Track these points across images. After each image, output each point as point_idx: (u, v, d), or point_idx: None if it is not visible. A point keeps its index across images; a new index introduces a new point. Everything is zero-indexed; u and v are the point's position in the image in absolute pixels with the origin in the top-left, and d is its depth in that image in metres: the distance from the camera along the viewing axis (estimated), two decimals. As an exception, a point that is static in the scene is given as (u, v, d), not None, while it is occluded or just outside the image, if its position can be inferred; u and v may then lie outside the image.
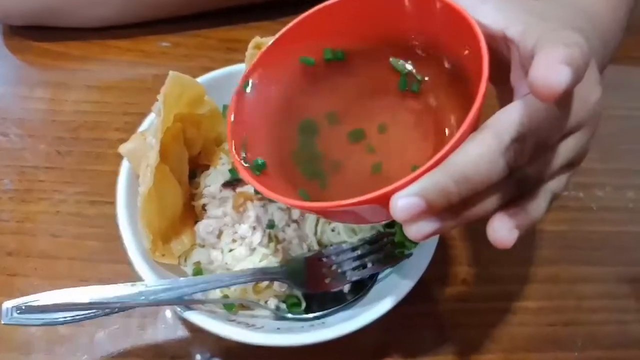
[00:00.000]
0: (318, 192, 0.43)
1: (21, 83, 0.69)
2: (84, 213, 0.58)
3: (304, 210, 0.47)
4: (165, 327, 0.52)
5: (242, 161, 0.40)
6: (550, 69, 0.29)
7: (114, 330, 0.51)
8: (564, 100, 0.33)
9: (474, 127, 0.32)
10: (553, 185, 0.35)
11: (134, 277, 0.46)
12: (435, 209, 0.31)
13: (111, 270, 0.55)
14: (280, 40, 0.44)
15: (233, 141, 0.41)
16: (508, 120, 0.32)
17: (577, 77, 0.29)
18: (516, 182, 0.33)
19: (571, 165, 0.36)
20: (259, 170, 0.41)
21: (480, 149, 0.31)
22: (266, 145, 0.43)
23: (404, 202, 0.30)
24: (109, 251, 0.55)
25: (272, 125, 0.44)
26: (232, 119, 0.42)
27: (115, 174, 0.52)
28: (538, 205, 0.35)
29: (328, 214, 0.42)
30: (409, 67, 0.45)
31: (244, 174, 0.39)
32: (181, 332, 0.52)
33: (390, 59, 0.45)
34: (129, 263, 0.46)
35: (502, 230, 0.33)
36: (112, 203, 0.51)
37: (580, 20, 0.43)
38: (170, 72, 0.45)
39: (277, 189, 0.38)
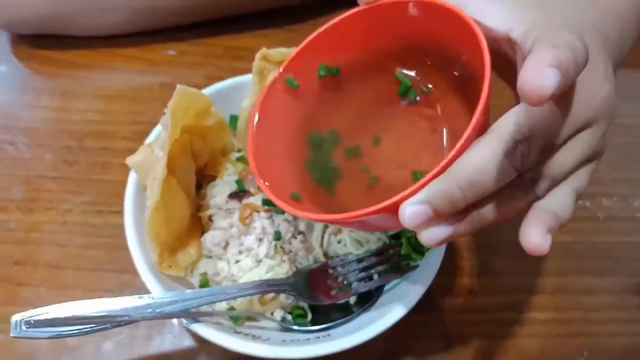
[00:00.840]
0: (327, 200, 0.44)
1: (28, 91, 0.69)
2: (91, 223, 0.59)
3: (319, 221, 0.48)
4: (172, 337, 0.52)
5: (265, 183, 0.41)
6: (536, 74, 0.29)
7: (121, 340, 0.51)
8: (565, 99, 0.33)
9: (480, 131, 0.33)
10: (574, 182, 0.35)
11: (140, 287, 0.46)
12: (443, 215, 0.32)
13: (118, 280, 0.55)
14: (288, 65, 0.46)
15: (257, 169, 0.42)
16: (511, 122, 0.32)
17: (566, 80, 0.29)
18: (529, 183, 0.34)
19: (589, 161, 0.36)
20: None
21: (484, 153, 0.31)
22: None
23: (411, 210, 0.31)
24: (115, 261, 0.56)
25: (286, 143, 0.45)
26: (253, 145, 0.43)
27: (121, 183, 0.52)
28: (564, 205, 0.35)
29: (341, 223, 0.43)
30: (413, 77, 0.45)
31: (273, 199, 0.39)
32: (188, 342, 0.52)
33: (397, 72, 0.46)
34: (135, 273, 0.46)
35: (535, 238, 0.33)
36: (119, 213, 0.51)
37: (592, 12, 0.41)
38: (178, 86, 0.45)
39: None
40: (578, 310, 0.58)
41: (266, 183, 0.40)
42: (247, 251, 0.49)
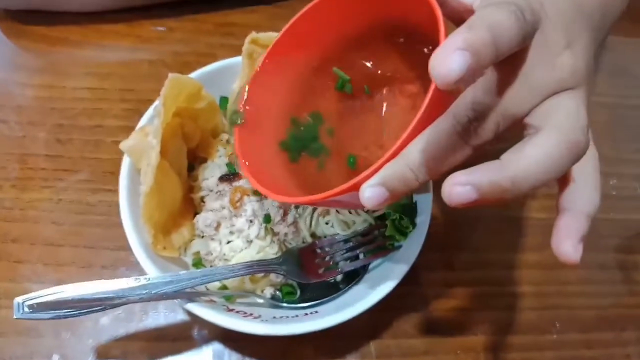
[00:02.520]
0: (312, 180, 0.47)
1: (19, 69, 0.69)
2: (86, 201, 0.60)
3: (291, 202, 0.50)
4: (167, 312, 0.54)
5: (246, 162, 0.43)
6: (443, 58, 0.28)
7: (118, 315, 0.54)
8: (512, 72, 0.33)
9: (433, 111, 0.34)
10: (586, 178, 0.36)
11: (135, 263, 0.48)
12: (398, 195, 0.34)
13: (113, 257, 0.57)
14: (271, 51, 0.48)
15: (240, 151, 0.45)
16: (463, 100, 0.33)
17: (478, 63, 0.28)
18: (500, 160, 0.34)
19: (580, 159, 0.35)
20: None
21: (433, 134, 0.33)
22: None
23: (369, 193, 0.34)
24: (110, 238, 0.57)
25: (270, 127, 0.47)
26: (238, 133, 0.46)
27: (115, 161, 0.54)
28: (590, 199, 0.36)
29: (314, 204, 0.46)
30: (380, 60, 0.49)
31: (249, 178, 0.42)
32: (182, 317, 0.54)
33: (333, 68, 0.49)
34: (130, 250, 0.48)
35: (568, 250, 0.35)
36: (113, 191, 0.53)
37: None
38: (170, 75, 0.46)
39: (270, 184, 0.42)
40: (552, 285, 0.62)
41: (246, 163, 0.43)
42: (238, 232, 0.51)
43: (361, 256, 0.52)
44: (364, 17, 0.46)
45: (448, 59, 0.27)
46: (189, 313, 0.54)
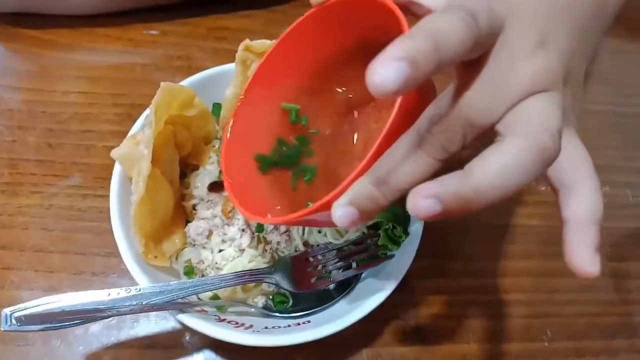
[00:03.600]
0: (296, 199, 0.47)
1: (8, 72, 0.68)
2: (76, 206, 0.59)
3: (266, 223, 0.50)
4: (158, 320, 0.54)
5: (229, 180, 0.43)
6: (379, 68, 0.26)
7: (109, 323, 0.53)
8: (474, 79, 0.31)
9: (401, 126, 0.33)
10: (583, 181, 0.34)
11: (126, 270, 0.48)
12: (369, 213, 0.33)
13: (104, 264, 0.56)
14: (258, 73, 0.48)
15: (225, 168, 0.45)
16: (425, 114, 0.32)
17: (416, 72, 0.26)
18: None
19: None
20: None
21: (399, 150, 0.32)
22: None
23: (340, 213, 0.33)
24: (101, 244, 0.57)
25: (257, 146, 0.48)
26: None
27: (106, 167, 0.54)
28: (594, 204, 0.34)
29: (292, 224, 0.46)
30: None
31: (230, 196, 0.42)
32: (173, 324, 0.54)
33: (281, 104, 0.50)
34: (121, 256, 0.48)
35: (586, 264, 0.33)
36: (104, 196, 0.53)
37: None
38: (162, 84, 0.46)
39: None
40: (543, 292, 0.62)
41: (230, 180, 0.43)
42: (230, 241, 0.51)
43: (354, 265, 0.52)
44: (337, 41, 0.45)
45: (384, 68, 0.26)
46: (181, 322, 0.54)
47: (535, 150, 0.30)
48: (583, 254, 0.33)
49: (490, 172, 0.30)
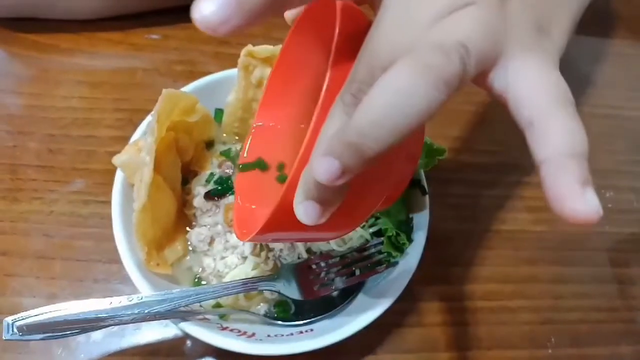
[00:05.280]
0: None
1: (9, 77, 0.68)
2: (78, 213, 0.59)
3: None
4: (160, 327, 0.54)
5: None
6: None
7: (111, 330, 0.53)
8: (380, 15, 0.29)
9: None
10: (552, 97, 0.28)
11: (127, 277, 0.47)
12: (332, 202, 0.30)
13: (106, 271, 0.56)
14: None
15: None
16: (347, 81, 0.29)
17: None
18: None
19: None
20: None
21: (326, 133, 0.29)
22: None
23: (301, 209, 0.30)
24: (103, 251, 0.56)
25: None
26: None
27: (107, 172, 0.53)
28: (571, 133, 0.27)
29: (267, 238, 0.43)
30: None
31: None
32: (175, 332, 0.53)
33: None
34: (122, 263, 0.48)
35: (576, 204, 0.26)
36: (106, 203, 0.52)
37: None
38: (164, 91, 0.46)
39: None
40: (548, 299, 0.61)
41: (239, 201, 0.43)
42: (232, 248, 0.51)
43: (357, 272, 0.52)
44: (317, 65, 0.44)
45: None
46: (183, 330, 0.54)
47: (423, 72, 0.25)
48: (567, 193, 0.26)
49: (373, 108, 0.25)
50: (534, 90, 0.29)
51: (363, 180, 0.32)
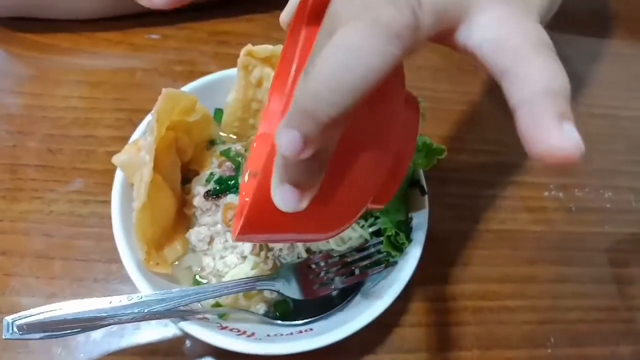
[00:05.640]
0: None
1: (9, 76, 0.68)
2: (77, 212, 0.59)
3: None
4: (160, 326, 0.54)
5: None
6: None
7: (110, 330, 0.53)
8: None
9: None
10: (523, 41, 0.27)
11: (127, 277, 0.47)
12: (305, 183, 0.29)
13: (106, 270, 0.56)
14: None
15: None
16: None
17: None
18: None
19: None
20: None
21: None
22: None
23: (279, 194, 0.29)
24: (103, 251, 0.56)
25: None
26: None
27: (107, 172, 0.53)
28: (549, 73, 0.25)
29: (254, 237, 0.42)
30: None
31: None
32: (174, 331, 0.54)
33: None
34: (122, 262, 0.48)
35: (551, 136, 0.24)
36: (105, 202, 0.52)
37: None
38: (164, 90, 0.46)
39: None
40: (547, 299, 0.61)
41: (246, 199, 0.43)
42: (232, 247, 0.51)
43: (357, 272, 0.52)
44: None
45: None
46: (182, 329, 0.54)
47: (373, 26, 0.24)
48: (542, 128, 0.24)
49: (324, 69, 0.24)
50: (508, 38, 0.27)
51: (342, 172, 0.32)
